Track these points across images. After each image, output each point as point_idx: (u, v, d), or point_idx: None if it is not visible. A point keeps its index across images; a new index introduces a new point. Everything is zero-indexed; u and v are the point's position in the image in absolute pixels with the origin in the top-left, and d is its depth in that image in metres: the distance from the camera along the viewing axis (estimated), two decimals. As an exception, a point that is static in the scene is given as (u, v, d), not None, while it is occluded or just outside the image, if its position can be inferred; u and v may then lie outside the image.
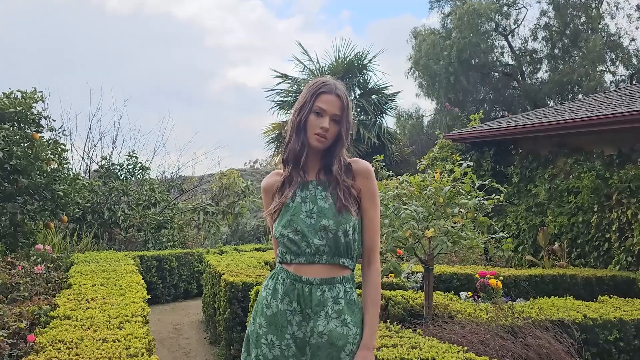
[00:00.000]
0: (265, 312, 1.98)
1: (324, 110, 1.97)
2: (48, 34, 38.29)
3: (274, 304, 1.96)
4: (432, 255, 3.88)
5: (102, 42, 40.04)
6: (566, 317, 4.02)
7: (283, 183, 2.04)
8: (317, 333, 1.92)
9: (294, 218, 1.96)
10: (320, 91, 1.99)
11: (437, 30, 22.55)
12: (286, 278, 1.98)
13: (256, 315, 2.02)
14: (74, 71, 33.99)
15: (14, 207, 7.10)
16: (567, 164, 8.53)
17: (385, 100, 15.78)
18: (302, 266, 1.97)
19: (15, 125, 7.42)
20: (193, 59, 49.28)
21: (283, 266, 2.02)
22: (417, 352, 2.83)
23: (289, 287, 1.97)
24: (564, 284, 6.56)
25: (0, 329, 3.04)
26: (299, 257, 1.97)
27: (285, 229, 1.97)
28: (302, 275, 1.96)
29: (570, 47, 21.01)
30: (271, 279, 2.04)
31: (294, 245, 1.96)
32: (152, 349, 2.89)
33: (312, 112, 1.99)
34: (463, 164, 3.73)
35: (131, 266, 5.82)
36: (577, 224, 8.24)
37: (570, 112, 8.98)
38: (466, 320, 3.82)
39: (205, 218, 11.88)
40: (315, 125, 1.97)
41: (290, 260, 1.99)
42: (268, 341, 1.96)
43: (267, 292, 2.00)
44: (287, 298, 1.95)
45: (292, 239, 1.96)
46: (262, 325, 1.98)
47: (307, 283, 1.95)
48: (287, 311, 1.95)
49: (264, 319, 1.98)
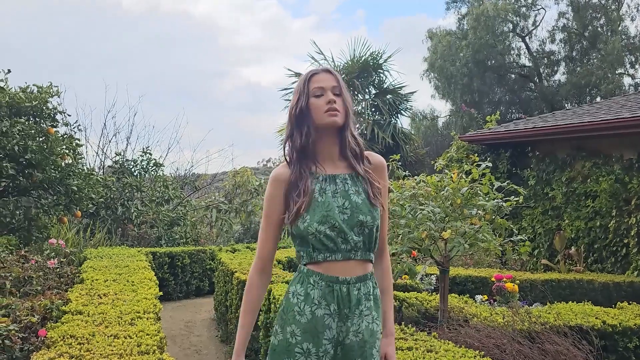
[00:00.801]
0: (298, 319, 1.87)
1: (323, 87, 1.94)
2: (64, 32, 38.64)
3: (307, 310, 1.87)
4: (448, 257, 3.81)
5: (117, 40, 40.31)
6: (585, 323, 3.93)
7: (296, 178, 1.93)
8: (353, 332, 1.89)
9: (330, 213, 1.88)
10: (309, 76, 1.98)
11: (453, 31, 22.41)
12: (319, 281, 1.89)
13: (285, 324, 1.90)
14: (89, 69, 34.27)
15: (28, 201, 7.13)
16: (585, 168, 8.39)
17: (400, 100, 15.67)
18: (335, 264, 1.89)
19: (31, 119, 7.46)
20: (207, 57, 49.47)
21: (310, 268, 1.91)
22: (432, 355, 2.76)
23: (325, 290, 1.88)
24: (581, 289, 6.46)
25: (12, 322, 3.03)
26: (335, 254, 1.89)
27: (321, 224, 1.87)
28: (337, 276, 1.89)
29: (589, 49, 20.76)
30: (299, 284, 1.92)
31: (330, 242, 1.88)
32: (164, 347, 2.86)
33: (311, 96, 1.94)
34: (482, 165, 3.66)
35: (143, 262, 5.81)
36: (594, 229, 8.11)
37: (589, 114, 8.83)
38: (482, 324, 3.75)
39: (218, 216, 11.88)
40: (321, 105, 1.93)
41: (322, 258, 1.89)
42: (304, 349, 1.86)
43: (298, 298, 1.89)
44: (324, 302, 1.87)
45: (329, 235, 1.87)
46: (294, 334, 1.87)
47: (344, 283, 1.89)
48: (326, 315, 1.87)
49: (296, 326, 1.87)
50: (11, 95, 7.26)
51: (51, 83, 7.69)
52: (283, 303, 1.94)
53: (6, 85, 7.39)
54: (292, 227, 1.93)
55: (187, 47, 47.45)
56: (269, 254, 1.99)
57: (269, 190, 1.97)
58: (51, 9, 37.96)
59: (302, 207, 1.88)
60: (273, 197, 1.96)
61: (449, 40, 21.35)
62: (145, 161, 10.80)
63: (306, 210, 1.89)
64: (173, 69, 42.31)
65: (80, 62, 35.97)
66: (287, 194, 1.94)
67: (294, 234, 1.93)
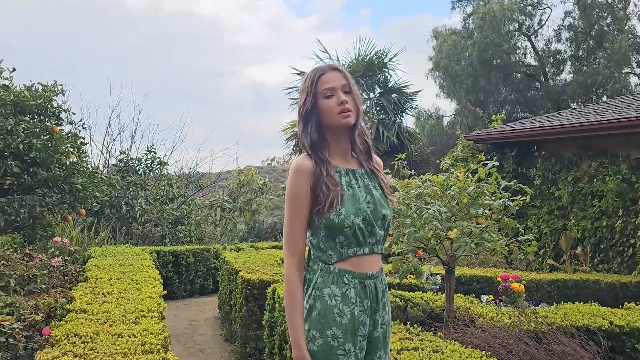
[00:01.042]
0: (339, 321, 1.84)
1: (333, 87, 1.92)
2: (64, 32, 38.76)
3: (347, 310, 1.86)
4: (454, 256, 3.78)
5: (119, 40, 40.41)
6: (592, 324, 3.89)
7: (320, 169, 1.89)
8: (380, 325, 1.94)
9: (361, 207, 1.90)
10: (317, 75, 1.94)
11: (458, 30, 22.33)
12: (352, 279, 1.88)
13: (324, 328, 1.84)
14: (93, 68, 34.37)
15: (32, 200, 7.13)
16: (592, 167, 8.33)
17: (405, 99, 15.63)
18: (362, 258, 1.90)
19: (36, 117, 7.47)
20: (210, 57, 49.52)
21: (341, 266, 1.89)
22: (438, 356, 2.74)
23: (358, 287, 1.89)
24: (587, 289, 6.41)
25: (16, 321, 3.02)
26: (362, 248, 1.91)
27: (356, 217, 1.87)
28: (366, 272, 1.91)
29: (595, 49, 20.65)
30: (333, 285, 1.87)
31: (362, 235, 1.89)
32: (168, 345, 2.84)
33: (322, 97, 1.92)
34: (488, 164, 3.62)
35: (148, 261, 5.79)
36: (600, 229, 8.05)
37: (595, 114, 8.77)
38: (488, 324, 3.71)
39: (222, 214, 11.86)
40: (333, 106, 1.91)
41: (352, 253, 1.89)
42: (346, 351, 1.85)
43: (336, 300, 1.85)
44: (359, 299, 1.89)
45: (362, 228, 1.88)
46: (336, 337, 1.84)
47: (372, 278, 1.92)
48: (361, 312, 1.89)
49: (337, 329, 1.84)
50: (16, 93, 7.26)
51: (56, 82, 7.70)
52: (318, 307, 1.87)
53: (11, 84, 7.40)
54: (322, 220, 1.88)
55: (190, 46, 47.55)
56: (303, 249, 1.94)
57: (295, 182, 1.89)
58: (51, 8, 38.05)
59: (336, 199, 1.85)
60: (301, 189, 1.88)
61: (454, 40, 21.28)
62: (150, 160, 10.80)
63: (340, 203, 1.86)
64: (176, 69, 42.40)
65: (82, 62, 36.12)
66: (314, 186, 1.88)
67: (322, 227, 1.89)
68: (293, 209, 1.90)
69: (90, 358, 2.50)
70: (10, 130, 6.79)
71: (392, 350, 2.80)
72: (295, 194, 1.89)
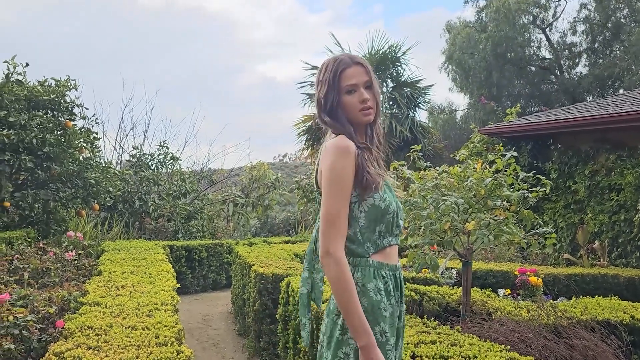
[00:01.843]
0: (384, 315, 1.80)
1: (355, 84, 1.87)
2: (81, 30, 39.00)
3: (389, 304, 1.83)
4: (471, 249, 3.71)
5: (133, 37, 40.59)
6: (613, 318, 3.80)
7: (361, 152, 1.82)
8: (403, 315, 1.94)
9: (395, 198, 1.91)
10: (340, 69, 1.87)
11: (471, 23, 22.09)
12: (388, 272, 1.86)
13: (372, 325, 1.75)
14: (106, 66, 34.56)
15: (46, 194, 7.16)
16: (609, 160, 8.19)
17: (418, 93, 15.49)
18: (392, 249, 1.90)
19: (49, 112, 7.49)
20: (222, 53, 49.59)
21: (377, 259, 1.83)
22: (457, 349, 2.67)
23: (393, 280, 1.88)
24: (606, 283, 6.29)
25: (30, 313, 3.00)
26: (394, 239, 1.91)
27: (394, 205, 1.87)
28: (395, 264, 1.90)
29: (612, 41, 20.31)
30: (375, 279, 1.80)
31: (395, 225, 1.89)
32: (182, 338, 2.81)
33: (344, 93, 1.87)
34: (507, 155, 3.54)
35: (161, 255, 5.79)
36: (618, 222, 7.91)
37: (613, 106, 8.62)
38: (506, 318, 3.64)
39: (234, 210, 11.85)
40: (355, 103, 1.87)
41: (387, 243, 1.87)
42: (392, 345, 1.82)
43: (381, 294, 1.80)
44: (395, 291, 1.88)
45: (396, 218, 1.89)
46: (384, 332, 1.79)
47: (398, 269, 1.93)
48: (396, 305, 1.88)
49: (384, 323, 1.79)
50: (29, 89, 7.29)
51: (69, 77, 7.73)
52: (363, 304, 1.76)
53: (24, 79, 7.43)
54: (364, 208, 1.81)
55: (202, 43, 47.63)
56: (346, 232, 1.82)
57: (344, 162, 1.77)
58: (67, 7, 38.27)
59: (381, 182, 1.82)
60: (350, 170, 1.77)
61: (467, 33, 21.06)
62: (162, 155, 10.81)
63: (382, 189, 1.82)
64: (188, 65, 42.50)
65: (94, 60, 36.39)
66: (357, 169, 1.79)
67: (364, 216, 1.81)
68: (340, 189, 1.76)
69: (104, 350, 2.47)
70: (24, 125, 6.82)
71: (409, 343, 2.75)
72: (343, 174, 1.77)
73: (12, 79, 7.19)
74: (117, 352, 2.45)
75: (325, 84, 1.88)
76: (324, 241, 1.75)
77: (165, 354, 2.42)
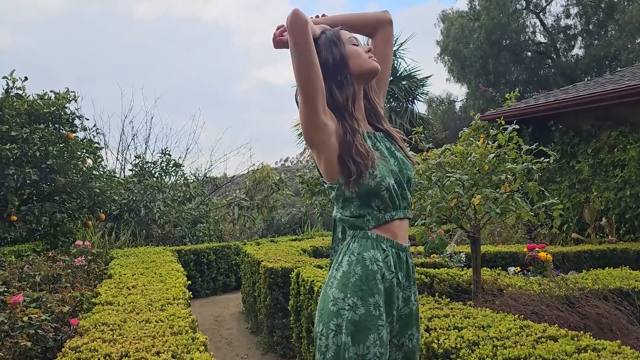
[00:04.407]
0: (380, 288, 1.67)
1: (356, 37, 1.87)
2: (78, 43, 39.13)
3: (389, 277, 1.71)
4: (479, 226, 3.71)
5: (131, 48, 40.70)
6: (625, 286, 3.80)
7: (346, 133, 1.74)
8: (412, 301, 1.80)
9: (393, 168, 1.77)
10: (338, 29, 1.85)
11: (465, 12, 22.08)
12: (390, 247, 1.74)
13: (366, 295, 1.64)
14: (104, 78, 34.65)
15: (52, 206, 7.19)
16: (612, 137, 8.17)
17: (416, 85, 15.52)
18: (397, 223, 1.76)
19: (50, 125, 7.52)
20: (220, 60, 49.68)
21: (378, 232, 1.73)
22: (470, 321, 2.68)
23: (396, 258, 1.75)
24: (615, 259, 6.28)
25: (43, 313, 3.02)
26: (398, 212, 1.76)
27: (390, 178, 1.74)
28: (402, 243, 1.77)
29: (606, 21, 20.28)
30: (373, 249, 1.71)
31: (397, 198, 1.75)
32: (196, 327, 2.82)
33: (349, 44, 1.83)
34: (508, 128, 3.55)
35: (169, 256, 5.81)
36: (624, 198, 7.89)
37: (612, 82, 8.61)
38: (518, 293, 3.64)
39: (240, 212, 11.86)
40: (360, 51, 1.83)
41: (390, 217, 1.74)
42: (385, 322, 1.67)
43: (378, 264, 1.69)
44: (398, 269, 1.75)
45: (397, 190, 1.75)
46: (378, 305, 1.65)
47: (404, 250, 1.78)
48: (396, 285, 1.73)
49: (379, 296, 1.66)
50: (29, 102, 7.33)
51: (68, 89, 7.77)
52: (358, 272, 1.67)
53: (24, 93, 7.47)
54: (355, 189, 1.71)
55: (200, 51, 47.70)
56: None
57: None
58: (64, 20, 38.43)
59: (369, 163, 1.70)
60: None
61: (461, 23, 21.06)
62: (165, 162, 10.83)
63: (373, 166, 1.71)
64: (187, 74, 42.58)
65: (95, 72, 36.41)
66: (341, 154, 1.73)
67: (355, 197, 1.73)
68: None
69: (119, 342, 2.48)
70: (26, 138, 6.85)
71: (422, 318, 2.76)
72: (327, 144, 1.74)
73: (12, 93, 7.23)
74: (132, 342, 2.47)
75: (329, 43, 1.81)
76: None
77: (181, 341, 2.44)
